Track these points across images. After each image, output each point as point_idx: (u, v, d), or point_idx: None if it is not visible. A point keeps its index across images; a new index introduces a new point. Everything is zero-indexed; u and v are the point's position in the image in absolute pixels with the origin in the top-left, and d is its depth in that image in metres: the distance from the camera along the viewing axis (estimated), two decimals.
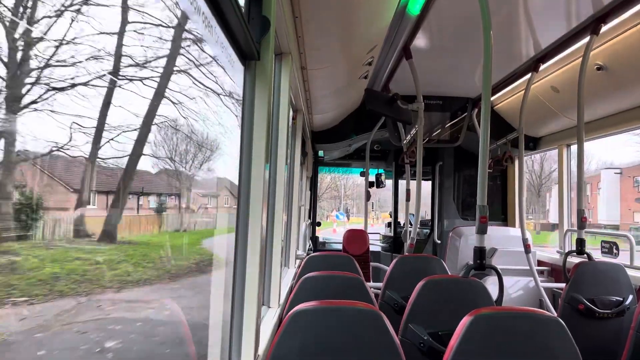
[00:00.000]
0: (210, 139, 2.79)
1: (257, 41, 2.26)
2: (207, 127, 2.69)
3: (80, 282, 1.63)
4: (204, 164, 2.81)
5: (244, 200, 2.29)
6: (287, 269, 5.38)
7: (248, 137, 2.30)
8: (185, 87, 2.33)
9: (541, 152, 7.28)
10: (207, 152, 2.80)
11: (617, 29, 4.04)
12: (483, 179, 3.43)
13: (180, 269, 2.52)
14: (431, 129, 7.03)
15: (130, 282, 1.96)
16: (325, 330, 2.22)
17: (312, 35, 3.48)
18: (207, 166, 2.86)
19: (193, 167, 2.70)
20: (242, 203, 2.29)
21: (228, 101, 2.75)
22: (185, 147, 2.52)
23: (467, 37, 4.53)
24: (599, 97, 4.85)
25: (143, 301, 2.14)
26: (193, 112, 2.38)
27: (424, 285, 3.15)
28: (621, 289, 4.22)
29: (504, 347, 2.11)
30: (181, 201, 2.64)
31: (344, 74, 4.95)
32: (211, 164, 2.89)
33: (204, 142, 2.74)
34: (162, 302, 2.34)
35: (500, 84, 5.95)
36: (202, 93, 2.50)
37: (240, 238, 2.28)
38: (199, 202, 2.98)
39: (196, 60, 2.40)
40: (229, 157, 2.75)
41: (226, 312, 2.30)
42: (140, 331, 2.13)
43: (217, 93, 2.65)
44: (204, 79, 2.51)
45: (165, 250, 2.48)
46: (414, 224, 5.49)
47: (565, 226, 6.15)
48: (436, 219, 9.35)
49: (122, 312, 1.95)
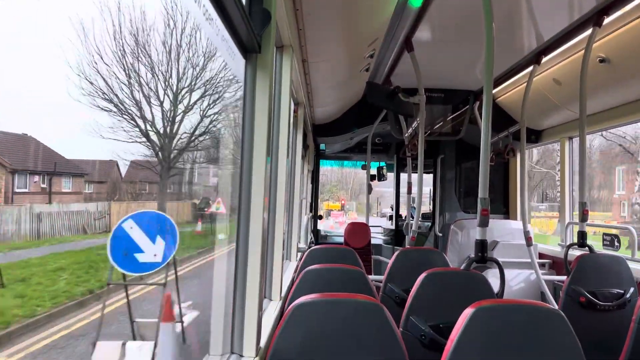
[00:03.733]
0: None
1: (258, 34, 2.26)
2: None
3: None
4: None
5: (246, 193, 2.29)
6: (288, 262, 5.39)
7: (249, 130, 2.30)
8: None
9: (543, 145, 7.26)
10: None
11: (620, 21, 4.02)
12: (485, 171, 3.42)
13: None
14: (433, 121, 7.01)
15: None
16: (327, 323, 2.23)
17: (313, 28, 3.46)
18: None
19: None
20: (243, 196, 2.29)
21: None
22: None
23: (469, 30, 4.51)
24: (602, 89, 4.83)
25: None
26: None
27: (425, 277, 3.16)
28: (622, 282, 4.22)
29: (505, 340, 2.11)
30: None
31: (345, 67, 4.93)
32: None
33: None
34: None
35: (502, 76, 5.93)
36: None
37: (242, 231, 2.29)
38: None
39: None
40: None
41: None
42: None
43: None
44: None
45: None
46: (415, 216, 5.49)
47: (567, 219, 6.15)
48: (437, 212, 9.36)
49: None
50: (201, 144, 6.77)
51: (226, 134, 6.04)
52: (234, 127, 2.48)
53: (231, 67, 2.41)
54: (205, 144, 6.94)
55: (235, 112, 5.33)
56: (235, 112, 5.41)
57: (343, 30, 3.84)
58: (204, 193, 7.62)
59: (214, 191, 7.28)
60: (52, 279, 3.64)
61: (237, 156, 2.34)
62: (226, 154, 5.37)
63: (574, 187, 6.16)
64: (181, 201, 6.95)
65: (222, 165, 5.72)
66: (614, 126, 5.22)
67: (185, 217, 6.90)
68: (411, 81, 5.31)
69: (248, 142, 2.30)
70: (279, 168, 3.41)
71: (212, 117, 6.53)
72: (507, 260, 5.76)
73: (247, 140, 2.30)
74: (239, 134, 2.32)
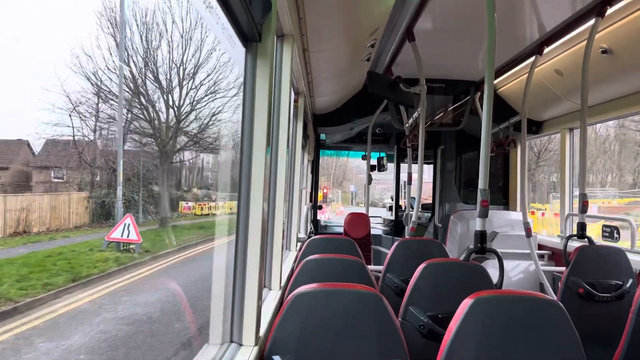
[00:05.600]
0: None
1: (259, 23, 2.24)
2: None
3: None
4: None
5: (245, 183, 2.29)
6: (288, 252, 5.41)
7: (249, 120, 2.29)
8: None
9: (543, 136, 7.25)
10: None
11: (622, 12, 3.99)
12: (485, 162, 3.41)
13: None
14: (433, 112, 6.99)
15: None
16: (326, 313, 2.24)
17: (314, 17, 3.44)
18: None
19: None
20: (243, 186, 2.29)
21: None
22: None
23: (470, 19, 4.48)
24: (603, 80, 4.81)
25: None
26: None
27: (424, 268, 3.17)
28: (621, 273, 4.23)
29: (504, 330, 2.12)
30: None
31: (346, 57, 4.91)
32: None
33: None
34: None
35: (504, 67, 5.90)
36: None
37: (242, 221, 2.29)
38: None
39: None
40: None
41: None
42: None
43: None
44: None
45: None
46: (415, 207, 5.49)
47: (567, 210, 6.15)
48: (437, 203, 9.35)
49: None
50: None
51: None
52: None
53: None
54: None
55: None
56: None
57: (344, 20, 3.81)
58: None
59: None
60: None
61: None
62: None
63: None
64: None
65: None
66: (616, 117, 5.21)
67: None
68: (412, 71, 5.29)
69: (248, 131, 2.29)
70: (279, 158, 3.40)
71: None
72: (506, 251, 5.77)
73: (247, 129, 2.30)
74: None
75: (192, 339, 6.34)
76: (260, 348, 2.28)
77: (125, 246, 6.36)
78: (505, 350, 2.10)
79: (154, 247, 7.55)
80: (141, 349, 5.78)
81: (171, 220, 7.91)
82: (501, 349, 2.10)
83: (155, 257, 7.39)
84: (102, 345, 5.38)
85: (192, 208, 14.55)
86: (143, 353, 5.66)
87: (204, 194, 14.52)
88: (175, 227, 9.44)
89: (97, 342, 5.37)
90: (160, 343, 6.04)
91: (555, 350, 2.10)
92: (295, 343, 2.19)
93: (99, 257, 5.47)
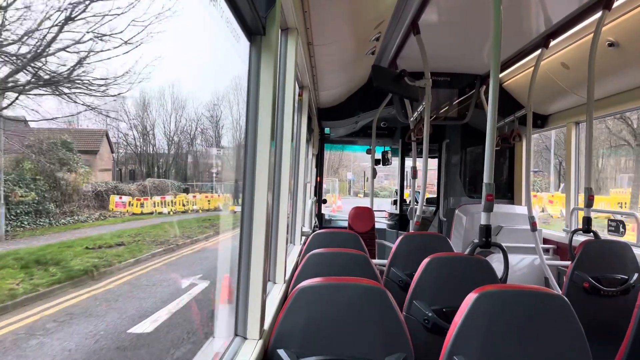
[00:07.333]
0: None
1: (263, 16, 2.23)
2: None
3: None
4: None
5: (250, 177, 2.29)
6: (292, 246, 5.41)
7: (253, 114, 2.29)
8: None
9: (549, 130, 7.21)
10: None
11: (630, 4, 3.95)
12: (490, 156, 3.40)
13: None
14: (438, 106, 6.96)
15: None
16: (330, 307, 2.24)
17: (319, 10, 3.42)
18: None
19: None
20: (247, 180, 2.29)
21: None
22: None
23: (476, 12, 4.44)
24: (610, 73, 4.77)
25: None
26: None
27: (429, 262, 3.16)
28: (627, 267, 4.21)
29: (508, 325, 2.12)
30: None
31: (351, 50, 4.89)
32: None
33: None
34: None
35: (509, 60, 5.86)
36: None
37: (246, 214, 2.29)
38: None
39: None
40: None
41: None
42: None
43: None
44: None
45: None
46: (419, 201, 5.48)
47: (572, 204, 6.13)
48: (442, 197, 9.34)
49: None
50: None
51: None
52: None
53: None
54: None
55: None
56: None
57: (349, 13, 3.79)
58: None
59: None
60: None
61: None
62: None
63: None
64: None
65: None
66: (622, 111, 5.17)
67: None
68: (417, 65, 5.26)
69: (252, 125, 2.29)
70: (284, 152, 3.40)
71: None
72: (511, 245, 5.76)
73: (252, 123, 2.30)
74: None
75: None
76: (264, 341, 2.29)
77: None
78: (510, 345, 2.10)
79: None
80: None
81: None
82: (506, 343, 2.10)
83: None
84: None
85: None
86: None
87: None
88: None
89: None
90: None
91: (560, 345, 2.10)
92: (300, 337, 2.20)
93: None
